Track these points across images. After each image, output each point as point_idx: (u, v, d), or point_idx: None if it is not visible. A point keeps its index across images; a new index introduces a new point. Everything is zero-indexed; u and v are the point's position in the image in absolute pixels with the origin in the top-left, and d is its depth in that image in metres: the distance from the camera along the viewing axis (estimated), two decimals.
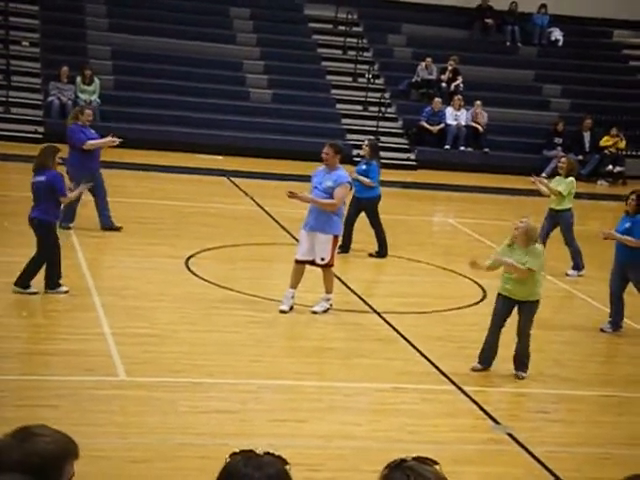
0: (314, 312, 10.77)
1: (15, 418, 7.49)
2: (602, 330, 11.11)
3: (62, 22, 23.01)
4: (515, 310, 9.35)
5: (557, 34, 26.45)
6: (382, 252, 13.68)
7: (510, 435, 8.11)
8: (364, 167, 13.64)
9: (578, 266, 13.50)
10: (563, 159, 14.26)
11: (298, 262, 10.74)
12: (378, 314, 11.12)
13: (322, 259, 10.68)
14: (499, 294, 9.39)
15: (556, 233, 13.59)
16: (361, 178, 13.44)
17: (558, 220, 13.47)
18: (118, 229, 13.36)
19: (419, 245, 15.04)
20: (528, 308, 9.25)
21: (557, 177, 13.82)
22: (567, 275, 13.45)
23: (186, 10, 24.11)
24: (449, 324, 11.10)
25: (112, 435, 7.38)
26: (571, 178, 13.52)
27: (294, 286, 10.74)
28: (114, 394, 8.20)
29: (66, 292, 10.44)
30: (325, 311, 10.82)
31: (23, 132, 20.43)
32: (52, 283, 10.44)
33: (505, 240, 9.47)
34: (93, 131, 13.56)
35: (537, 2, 26.20)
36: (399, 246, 14.44)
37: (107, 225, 13.33)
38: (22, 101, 21.16)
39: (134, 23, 23.41)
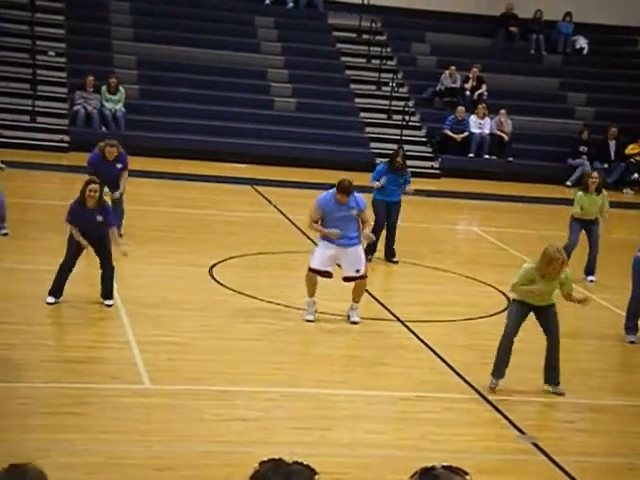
0: (355, 323, 10.80)
1: (40, 425, 7.55)
2: (632, 342, 11.02)
3: (88, 32, 23.18)
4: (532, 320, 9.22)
5: (582, 42, 26.34)
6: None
7: (535, 445, 8.06)
8: (400, 178, 13.73)
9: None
10: (595, 174, 13.93)
11: (316, 272, 10.69)
12: (402, 322, 11.11)
13: (357, 271, 10.69)
14: (516, 300, 9.22)
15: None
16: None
17: (590, 229, 13.45)
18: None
19: (443, 253, 15.00)
20: (552, 312, 9.14)
21: (587, 195, 13.44)
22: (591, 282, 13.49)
23: (211, 19, 24.24)
24: (473, 333, 11.06)
25: (136, 443, 7.41)
26: (605, 192, 13.56)
27: (313, 294, 10.78)
28: (138, 402, 8.23)
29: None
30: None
31: (49, 141, 20.59)
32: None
33: (524, 270, 8.96)
34: (120, 165, 13.07)
35: (562, 10, 26.10)
36: (423, 254, 14.42)
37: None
38: (48, 110, 21.32)
39: (159, 32, 23.55)
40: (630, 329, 11.10)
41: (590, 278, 13.58)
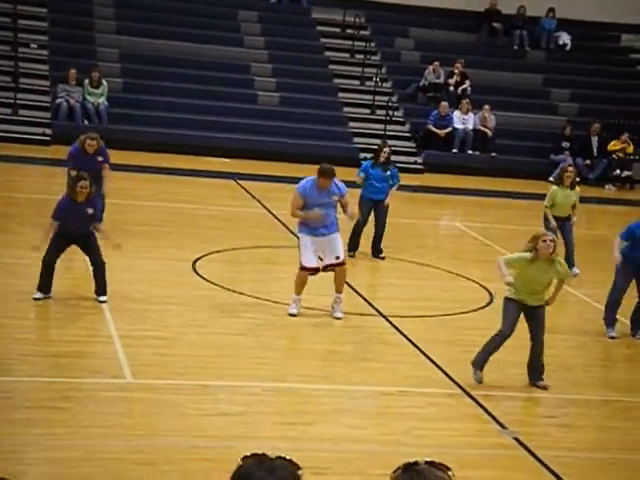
0: (338, 318, 10.79)
1: (23, 420, 7.52)
2: (613, 337, 11.09)
3: (70, 25, 23.07)
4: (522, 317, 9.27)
5: (565, 38, 26.42)
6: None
7: (517, 440, 8.09)
8: (388, 172, 13.69)
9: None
10: (571, 168, 13.97)
11: (309, 269, 10.68)
12: (384, 317, 11.13)
13: (337, 257, 10.68)
14: (511, 299, 9.23)
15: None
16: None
17: (563, 225, 13.46)
18: None
19: (426, 248, 15.03)
20: (542, 313, 9.20)
21: (562, 189, 13.47)
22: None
23: (194, 13, 24.16)
24: (456, 328, 11.09)
25: (118, 437, 7.39)
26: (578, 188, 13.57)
27: (301, 293, 10.77)
28: (121, 396, 8.21)
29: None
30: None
31: (31, 134, 20.49)
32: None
33: (521, 255, 9.06)
34: (101, 158, 12.92)
35: (545, 6, 26.17)
36: (406, 249, 14.45)
37: None
38: (30, 103, 21.21)
39: (142, 26, 23.47)
40: (610, 323, 11.14)
41: (574, 271, 13.60)
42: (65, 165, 13.25)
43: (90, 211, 10.41)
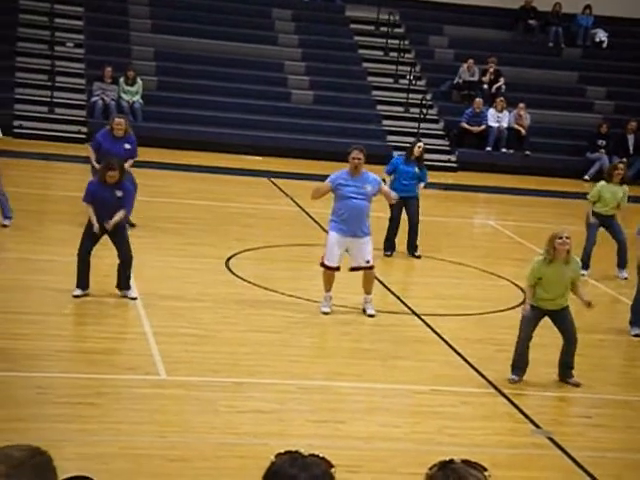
0: (371, 315, 10.79)
1: (58, 415, 7.58)
2: (637, 335, 10.97)
3: (106, 24, 23.23)
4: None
5: (601, 35, 26.18)
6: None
7: (551, 439, 8.03)
8: (416, 169, 13.64)
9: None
10: (622, 165, 13.73)
11: (330, 268, 10.70)
12: (417, 316, 11.09)
13: (367, 261, 10.68)
14: (533, 307, 9.14)
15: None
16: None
17: (611, 224, 13.34)
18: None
19: (459, 247, 14.97)
20: (566, 314, 9.15)
21: (610, 185, 13.31)
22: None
23: (228, 12, 24.23)
24: (489, 327, 11.03)
25: (152, 433, 7.43)
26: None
27: (330, 289, 10.79)
28: (154, 393, 8.25)
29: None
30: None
31: (67, 132, 20.66)
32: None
33: (537, 258, 9.10)
34: (127, 146, 12.93)
35: (581, 3, 25.96)
36: (439, 248, 14.39)
37: None
38: (66, 102, 21.39)
39: (177, 24, 23.57)
40: (634, 323, 11.04)
41: (623, 274, 13.44)
42: (90, 146, 13.37)
43: (119, 194, 10.44)
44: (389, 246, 13.59)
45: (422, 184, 13.81)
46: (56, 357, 8.85)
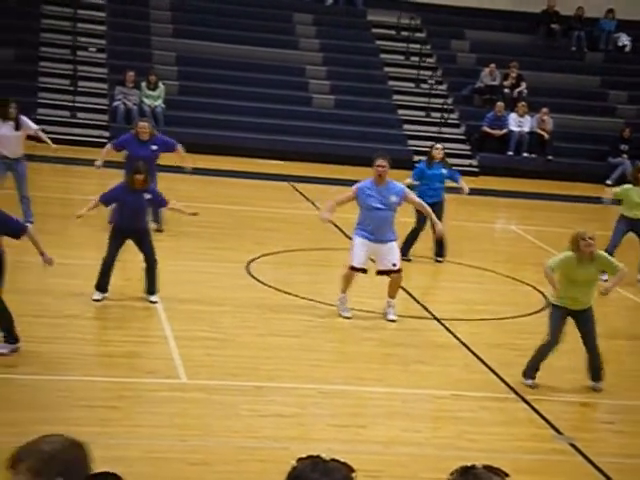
0: (392, 320, 10.77)
1: (79, 418, 7.61)
2: None
3: (128, 28, 23.35)
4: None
5: (624, 39, 26.06)
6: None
7: (572, 445, 7.99)
8: (444, 171, 13.61)
9: None
10: None
11: (356, 269, 10.69)
12: (438, 320, 11.07)
13: (394, 265, 10.67)
14: (556, 305, 9.12)
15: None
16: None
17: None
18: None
19: (481, 252, 14.92)
20: (589, 316, 9.10)
21: (637, 188, 13.18)
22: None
23: (249, 16, 24.29)
24: (510, 332, 10.99)
25: (173, 437, 7.45)
26: None
27: (346, 291, 10.78)
28: (175, 396, 8.27)
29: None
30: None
31: (89, 137, 20.76)
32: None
33: (566, 254, 8.99)
34: (154, 147, 13.15)
35: (604, 7, 25.85)
36: (461, 253, 14.36)
37: None
38: (88, 106, 21.50)
39: (198, 29, 23.66)
40: None
41: None
42: (112, 147, 13.46)
43: (147, 196, 10.50)
44: (406, 250, 13.45)
45: (460, 179, 13.73)
46: (78, 360, 8.89)
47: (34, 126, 13.21)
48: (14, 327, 8.76)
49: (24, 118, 13.15)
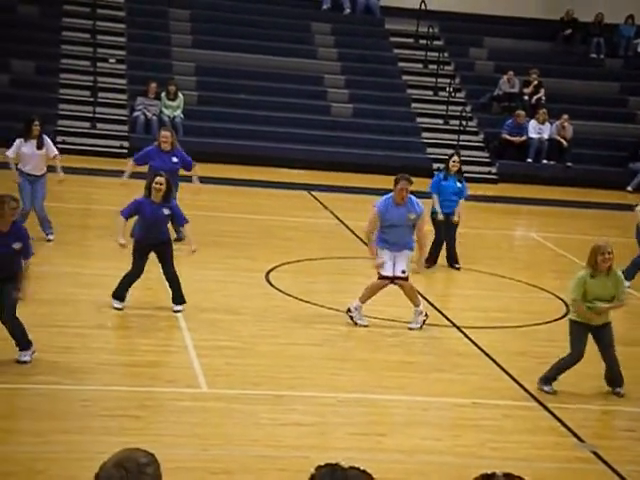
0: (413, 329, 10.76)
1: (100, 428, 7.64)
2: None
3: (148, 40, 23.47)
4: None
5: None
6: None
7: (595, 453, 7.95)
8: (459, 184, 13.61)
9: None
10: None
11: (386, 278, 10.71)
12: (458, 328, 11.04)
13: (403, 271, 10.67)
14: (576, 321, 9.09)
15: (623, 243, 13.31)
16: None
17: None
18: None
19: (500, 259, 14.88)
20: (609, 331, 9.09)
21: None
22: None
23: (268, 26, 24.36)
24: (530, 339, 10.95)
25: (193, 446, 7.46)
26: None
27: (365, 302, 10.78)
28: (196, 406, 8.29)
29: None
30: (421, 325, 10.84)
31: (109, 147, 20.87)
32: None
33: (580, 272, 9.04)
34: (175, 159, 13.27)
35: (624, 13, 25.75)
36: (480, 260, 14.33)
37: None
38: (108, 117, 21.61)
39: (217, 39, 23.75)
40: None
41: None
42: (134, 160, 13.55)
43: (166, 212, 10.50)
44: (431, 260, 13.52)
45: (462, 200, 13.72)
46: (100, 370, 8.93)
47: (55, 151, 13.34)
48: (26, 333, 8.79)
49: (47, 140, 13.31)
